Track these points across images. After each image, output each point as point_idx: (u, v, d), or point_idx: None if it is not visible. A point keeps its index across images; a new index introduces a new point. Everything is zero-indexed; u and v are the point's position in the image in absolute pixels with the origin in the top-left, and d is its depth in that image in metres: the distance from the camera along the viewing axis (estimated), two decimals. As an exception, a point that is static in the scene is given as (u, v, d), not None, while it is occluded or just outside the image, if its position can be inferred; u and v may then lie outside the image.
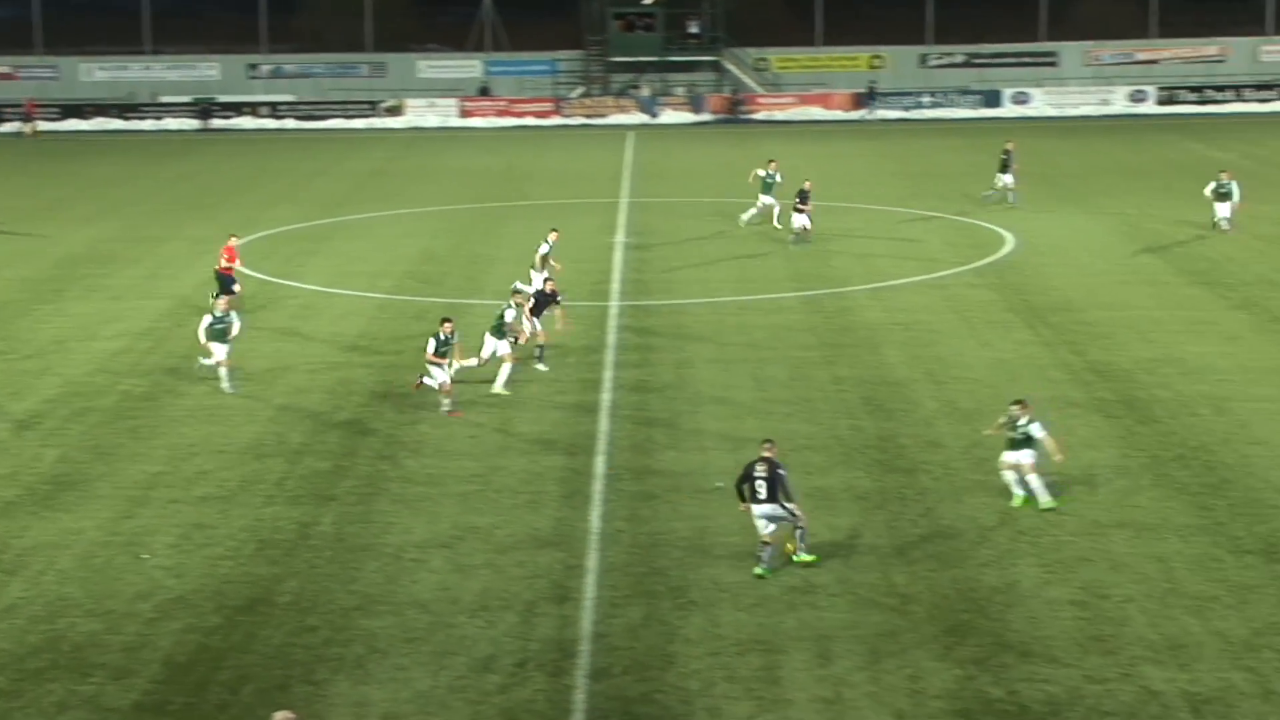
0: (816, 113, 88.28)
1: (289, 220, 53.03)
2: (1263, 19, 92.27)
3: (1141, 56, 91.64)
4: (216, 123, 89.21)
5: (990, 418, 28.12)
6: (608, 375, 31.72)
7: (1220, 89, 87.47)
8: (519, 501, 24.33)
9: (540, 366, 31.81)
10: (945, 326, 35.55)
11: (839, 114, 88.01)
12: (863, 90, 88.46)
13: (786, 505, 21.36)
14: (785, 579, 21.08)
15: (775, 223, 47.94)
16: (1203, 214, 49.96)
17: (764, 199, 48.61)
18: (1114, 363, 31.92)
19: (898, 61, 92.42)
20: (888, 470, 25.51)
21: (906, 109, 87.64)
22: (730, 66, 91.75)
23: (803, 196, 45.99)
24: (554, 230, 38.35)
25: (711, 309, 37.82)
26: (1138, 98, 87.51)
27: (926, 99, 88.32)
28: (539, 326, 32.34)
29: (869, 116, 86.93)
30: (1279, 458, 25.72)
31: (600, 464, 26.10)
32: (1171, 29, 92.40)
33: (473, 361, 30.69)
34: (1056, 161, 65.46)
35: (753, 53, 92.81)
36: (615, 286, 40.82)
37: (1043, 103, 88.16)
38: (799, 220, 45.89)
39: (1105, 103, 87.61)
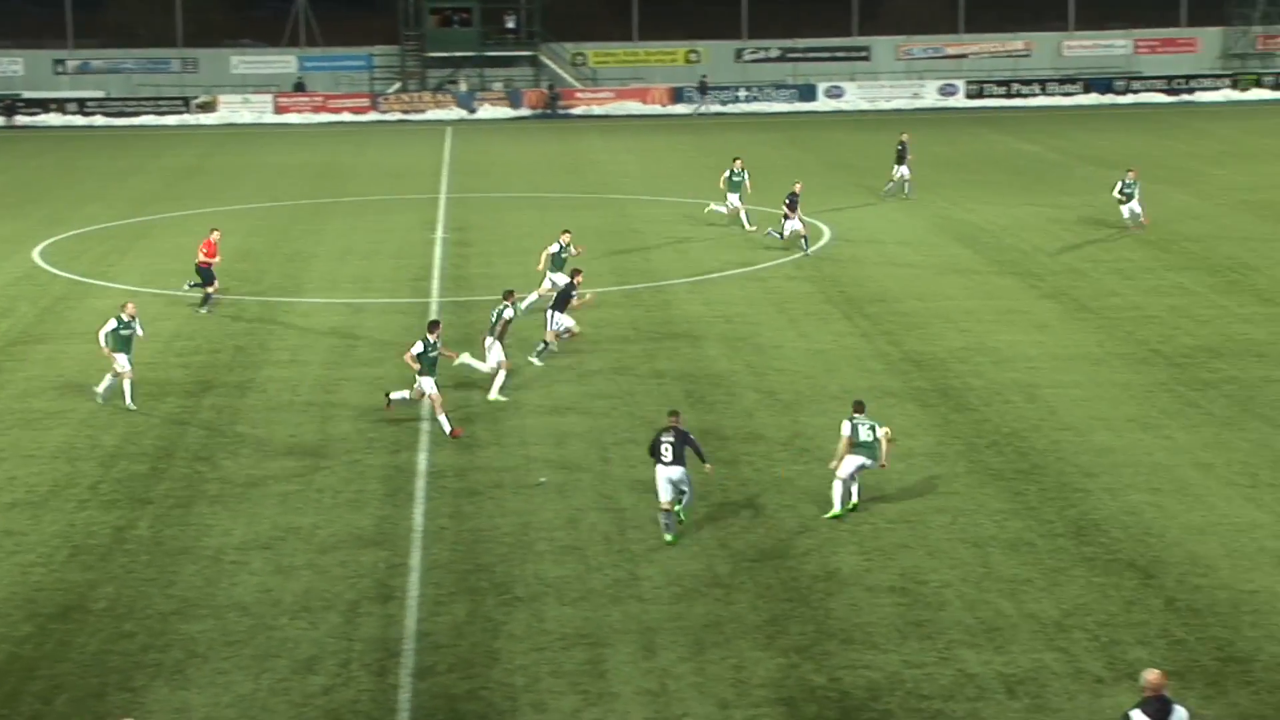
0: (634, 107, 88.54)
1: (100, 219, 51.85)
2: (1065, 15, 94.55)
3: (950, 51, 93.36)
4: (21, 120, 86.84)
5: (810, 408, 28.47)
6: (429, 372, 31.48)
7: (1026, 83, 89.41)
8: (341, 501, 24.06)
9: (535, 361, 31.60)
10: (764, 319, 35.88)
11: (657, 108, 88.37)
12: (694, 84, 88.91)
13: (699, 472, 22.89)
14: (610, 572, 21.11)
15: (747, 224, 46.37)
16: (1007, 203, 51.06)
17: (731, 199, 46.97)
18: (929, 352, 32.47)
19: (714, 56, 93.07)
20: (717, 466, 25.61)
21: (724, 103, 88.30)
22: (548, 61, 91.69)
23: (792, 200, 43.73)
24: (566, 231, 37.02)
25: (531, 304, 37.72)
26: (948, 91, 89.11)
27: (743, 93, 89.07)
28: (557, 324, 32.02)
29: (701, 110, 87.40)
30: (1087, 443, 26.37)
31: (422, 461, 25.91)
32: (979, 25, 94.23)
33: (484, 366, 29.81)
34: (871, 154, 66.38)
35: (570, 47, 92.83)
36: (435, 283, 40.55)
37: (856, 96, 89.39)
38: (791, 225, 43.27)
39: (917, 96, 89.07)
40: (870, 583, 20.64)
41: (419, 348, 27.26)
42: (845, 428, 23.05)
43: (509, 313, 30.00)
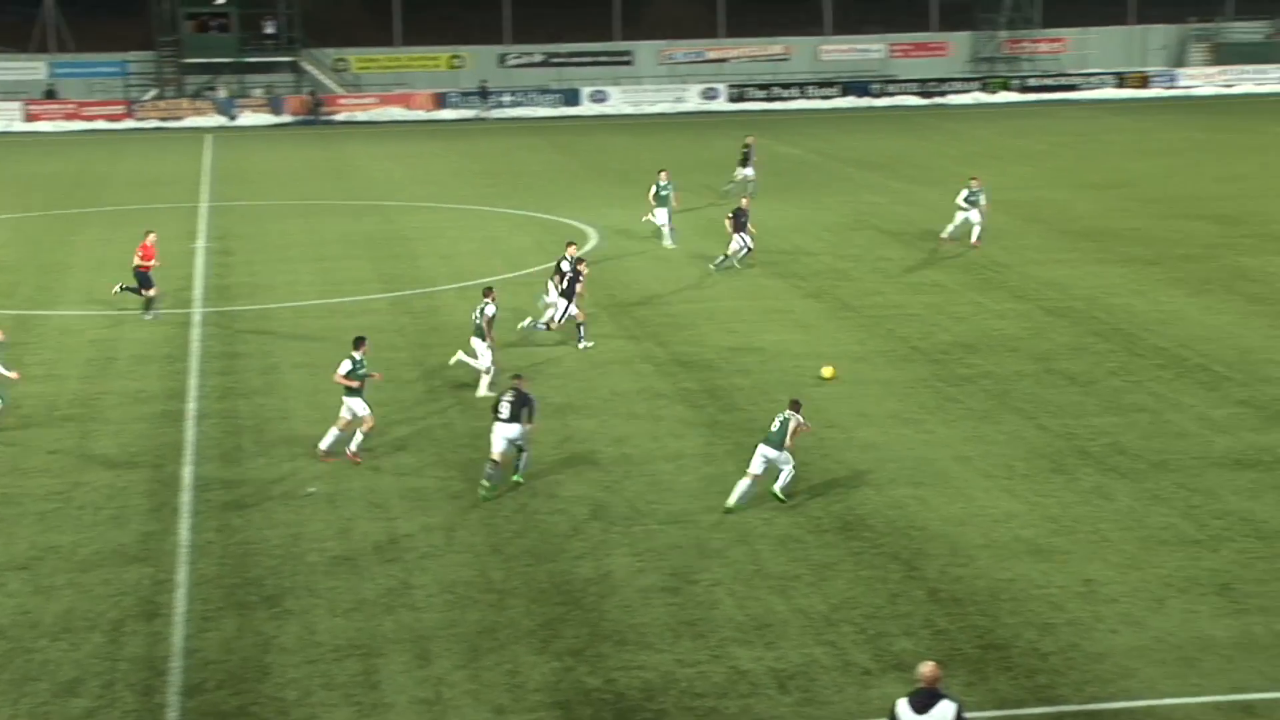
0: (398, 113, 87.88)
1: None
2: (821, 20, 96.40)
3: (712, 55, 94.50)
4: None
5: (580, 413, 28.53)
6: (192, 383, 30.86)
7: (786, 86, 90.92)
8: (102, 518, 23.42)
9: (585, 344, 33.14)
10: (533, 323, 35.85)
11: (421, 114, 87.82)
12: (465, 89, 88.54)
13: (526, 429, 24.39)
14: (382, 581, 20.91)
15: (668, 242, 44.36)
16: (770, 204, 51.85)
17: (659, 214, 44.66)
18: (696, 353, 32.80)
19: (478, 61, 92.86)
20: (472, 469, 25.55)
21: (475, 109, 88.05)
22: (309, 67, 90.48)
23: (740, 216, 41.81)
24: (571, 244, 36.23)
25: (298, 312, 37.22)
26: (710, 95, 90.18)
27: (507, 98, 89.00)
28: (575, 308, 33.23)
29: (483, 115, 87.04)
30: (852, 439, 26.90)
31: (188, 474, 25.36)
32: (739, 29, 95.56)
33: (483, 366, 30.02)
34: (635, 158, 66.89)
35: (331, 53, 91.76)
36: (198, 293, 39.73)
37: (620, 100, 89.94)
38: (738, 242, 41.26)
39: (680, 100, 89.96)
40: (643, 584, 20.78)
41: (347, 366, 25.97)
42: (775, 420, 23.63)
43: (490, 309, 30.12)
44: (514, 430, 24.26)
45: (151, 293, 36.61)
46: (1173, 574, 20.78)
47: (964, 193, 44.07)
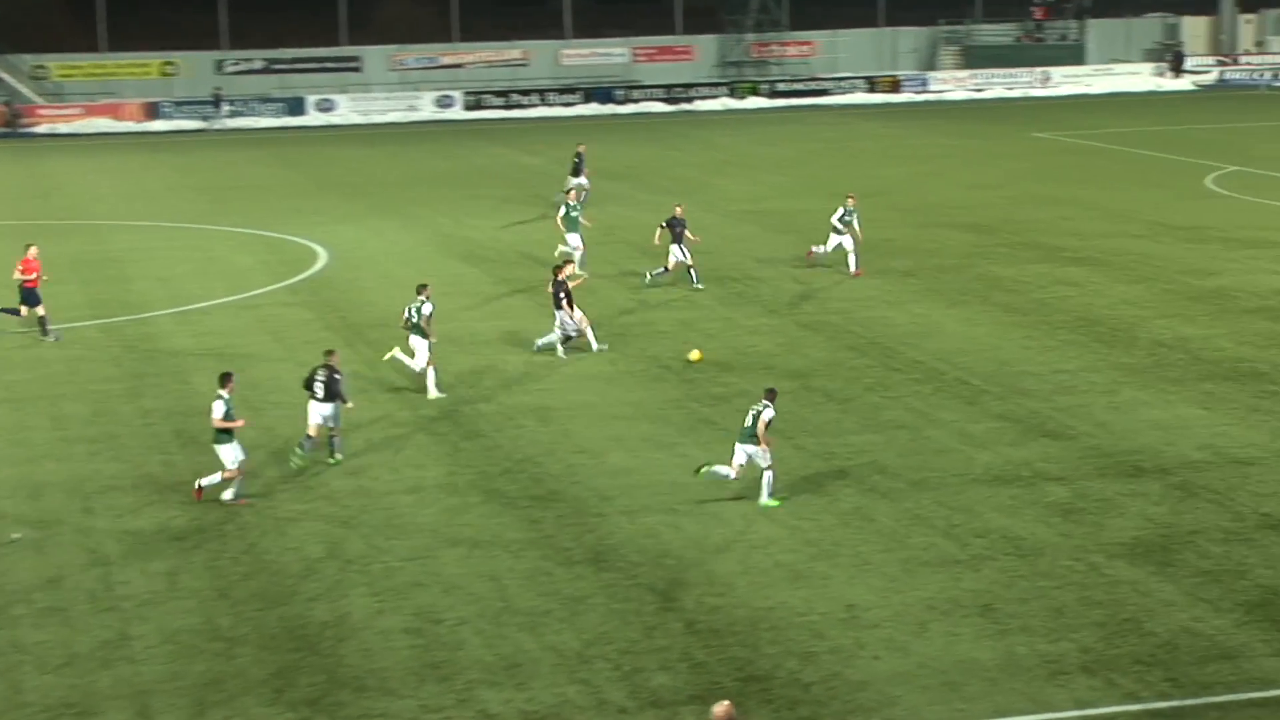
0: (106, 124, 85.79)
1: None
2: (561, 23, 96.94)
3: (446, 61, 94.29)
4: None
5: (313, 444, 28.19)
6: (-122, 424, 29.70)
7: (525, 93, 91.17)
8: None
9: (600, 347, 34.29)
10: (260, 349, 35.36)
11: (132, 125, 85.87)
12: (208, 97, 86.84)
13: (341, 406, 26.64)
14: (98, 633, 20.37)
15: (579, 268, 41.09)
16: (511, 218, 51.94)
17: (572, 239, 42.35)
18: (437, 378, 32.64)
19: (193, 68, 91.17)
20: (206, 507, 25.09)
21: (205, 119, 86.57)
22: (4, 75, 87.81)
23: (677, 224, 41.27)
24: (569, 262, 36.64)
25: (-3, 343, 36.13)
26: (445, 103, 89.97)
27: (226, 108, 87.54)
28: (577, 314, 34.20)
29: (213, 126, 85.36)
30: (602, 465, 27.06)
31: (-125, 525, 24.39)
32: (474, 33, 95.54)
33: (418, 363, 31.23)
34: (367, 170, 66.41)
35: (29, 59, 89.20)
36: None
37: (349, 110, 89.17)
38: (677, 255, 40.96)
39: (413, 109, 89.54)
40: (383, 625, 20.60)
41: (221, 408, 24.87)
42: (748, 413, 24.71)
43: (428, 307, 31.37)
44: (329, 409, 26.48)
45: (40, 310, 36.02)
46: (935, 596, 21.34)
47: (839, 212, 42.30)
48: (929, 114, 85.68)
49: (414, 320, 31.34)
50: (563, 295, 34.08)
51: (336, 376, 26.63)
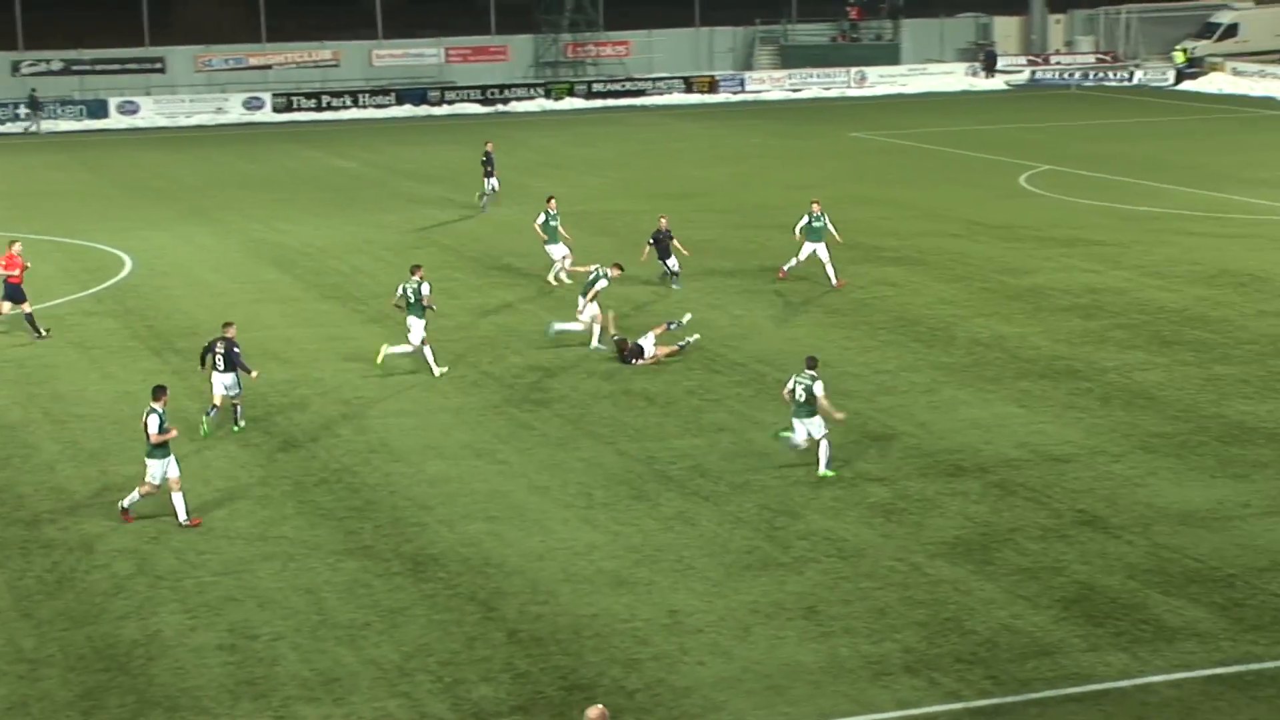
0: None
1: None
2: (374, 23, 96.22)
3: (254, 62, 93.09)
4: None
5: (119, 456, 27.76)
6: None
7: (337, 94, 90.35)
8: None
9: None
10: (63, 360, 34.69)
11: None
12: (23, 100, 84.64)
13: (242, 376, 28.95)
14: (-107, 660, 19.82)
15: (553, 278, 41.65)
16: (324, 223, 51.49)
17: (551, 250, 41.75)
18: (249, 388, 32.23)
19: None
20: (7, 524, 24.56)
21: (18, 119, 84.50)
22: None
23: (662, 236, 40.59)
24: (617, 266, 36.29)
25: None
26: (253, 105, 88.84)
27: (23, 110, 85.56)
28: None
29: (33, 129, 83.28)
30: (420, 474, 26.94)
31: None
32: (282, 34, 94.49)
33: (407, 348, 32.83)
34: (173, 175, 65.41)
35: None
36: None
37: (153, 112, 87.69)
38: (670, 266, 40.66)
39: (220, 111, 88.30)
40: (196, 642, 20.32)
41: (156, 421, 24.18)
42: (789, 381, 26.55)
43: (426, 286, 32.71)
44: (229, 379, 28.79)
45: (26, 307, 36.40)
46: (759, 600, 21.54)
47: (803, 220, 41.02)
48: (747, 114, 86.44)
49: (410, 299, 32.67)
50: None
51: (235, 350, 28.76)
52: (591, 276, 35.00)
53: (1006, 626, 20.59)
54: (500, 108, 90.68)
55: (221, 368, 28.79)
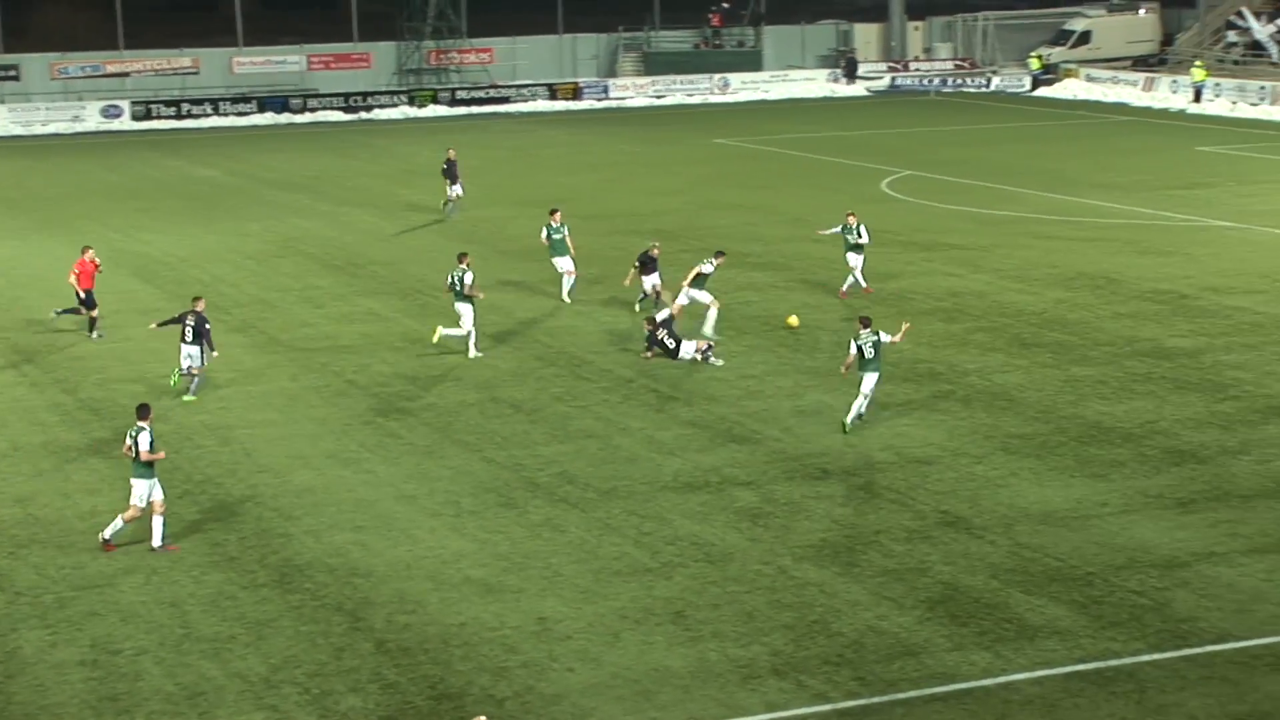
0: None
1: None
2: (234, 30, 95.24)
3: (111, 69, 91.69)
4: None
5: (-25, 471, 27.27)
6: None
7: (197, 102, 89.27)
8: None
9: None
10: (-84, 373, 34.01)
11: None
12: None
13: (206, 353, 31.17)
14: None
15: (567, 295, 40.33)
16: (186, 232, 50.88)
17: (558, 263, 40.29)
18: (109, 399, 31.84)
19: None
20: None
21: None
22: None
23: (649, 262, 38.08)
24: (721, 253, 37.28)
25: None
26: (111, 113, 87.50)
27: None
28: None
29: None
30: (286, 484, 26.70)
31: None
32: (140, 40, 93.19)
33: (465, 326, 34.62)
34: (29, 184, 64.30)
35: None
36: None
37: (7, 120, 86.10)
38: (652, 283, 38.18)
39: (77, 119, 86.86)
40: (56, 659, 19.99)
41: (148, 438, 23.64)
42: (851, 347, 29.24)
43: (469, 275, 34.62)
44: (195, 350, 31.11)
45: (94, 312, 36.96)
46: (627, 605, 21.58)
47: (836, 228, 40.51)
48: (611, 120, 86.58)
49: (456, 288, 34.66)
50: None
51: (207, 325, 31.22)
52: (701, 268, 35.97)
53: (872, 628, 20.78)
54: (363, 115, 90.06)
55: (189, 339, 31.19)
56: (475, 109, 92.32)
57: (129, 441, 23.76)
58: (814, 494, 26.00)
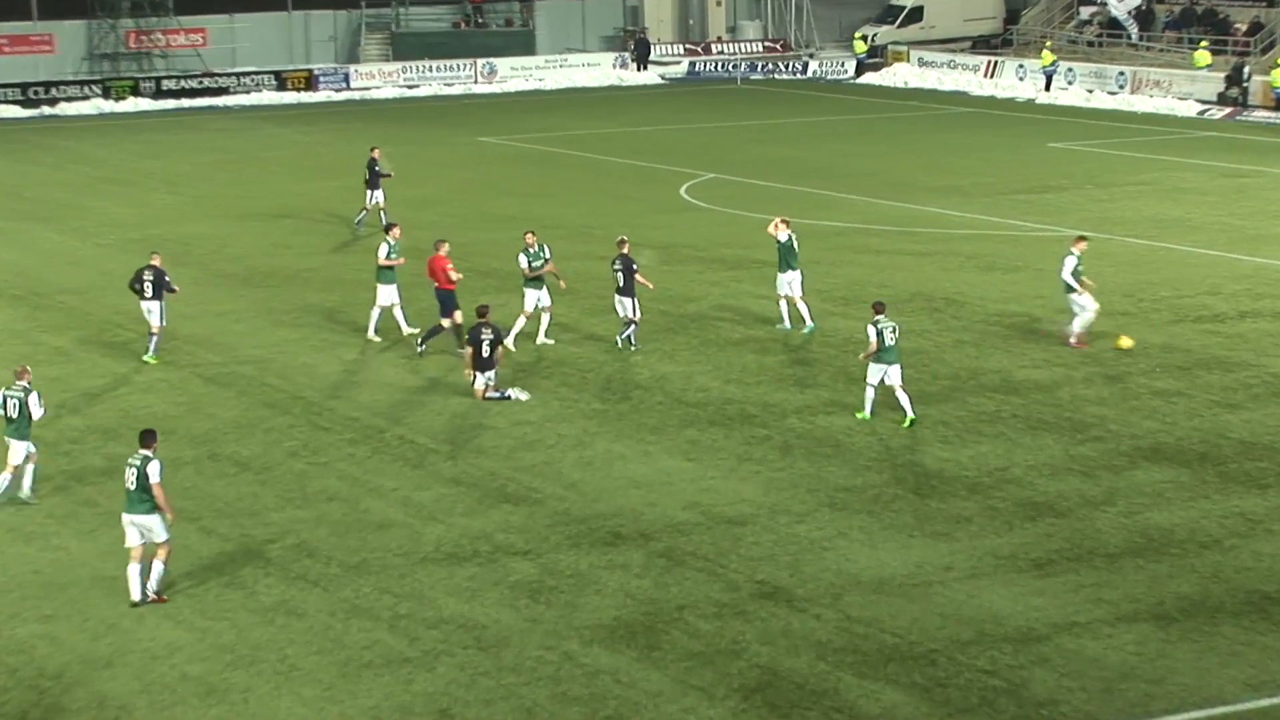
0: None
1: None
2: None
3: None
4: None
5: None
6: None
7: None
8: None
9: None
10: None
11: None
12: None
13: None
14: None
15: (544, 337, 39.36)
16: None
17: (533, 297, 38.96)
18: None
19: None
20: None
21: None
22: None
23: (628, 265, 38.17)
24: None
25: None
26: None
27: None
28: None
29: None
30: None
31: None
32: None
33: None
34: None
35: None
36: None
37: None
38: (627, 308, 38.46)
39: None
40: None
41: (157, 467, 24.90)
42: (871, 332, 32.51)
43: (384, 249, 38.84)
44: (156, 305, 37.05)
45: (457, 318, 37.54)
46: (381, 704, 21.47)
47: (1070, 263, 37.99)
48: (354, 116, 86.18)
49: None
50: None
51: (166, 278, 37.15)
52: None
53: (678, 723, 20.89)
54: (46, 110, 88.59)
55: (149, 294, 37.05)
56: (186, 102, 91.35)
57: (138, 472, 24.77)
58: (605, 563, 26.09)
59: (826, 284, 44.61)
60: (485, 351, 34.32)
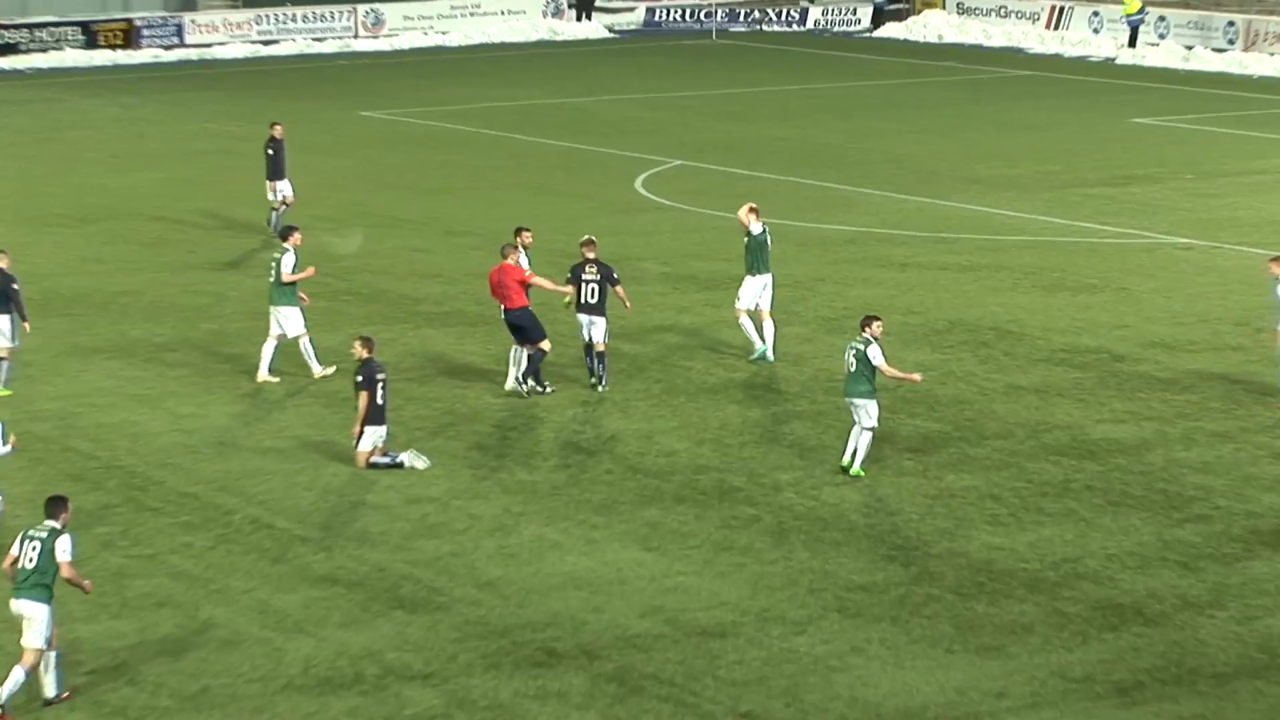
0: None
1: None
2: None
3: None
4: None
5: None
6: None
7: None
8: None
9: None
10: None
11: None
12: None
13: None
14: None
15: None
16: None
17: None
18: None
19: None
20: None
21: None
22: None
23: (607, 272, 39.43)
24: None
25: None
26: None
27: None
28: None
29: None
30: None
31: None
32: None
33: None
34: None
35: None
36: None
37: None
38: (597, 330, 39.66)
39: None
40: None
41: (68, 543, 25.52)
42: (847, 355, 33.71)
43: (289, 260, 39.15)
44: (4, 321, 38.69)
45: (545, 346, 38.84)
46: None
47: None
48: (189, 83, 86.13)
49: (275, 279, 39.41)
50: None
51: (15, 286, 38.98)
52: None
53: None
54: None
55: None
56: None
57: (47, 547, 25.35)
58: (534, 691, 26.05)
59: (832, 309, 44.58)
60: (380, 395, 34.29)
